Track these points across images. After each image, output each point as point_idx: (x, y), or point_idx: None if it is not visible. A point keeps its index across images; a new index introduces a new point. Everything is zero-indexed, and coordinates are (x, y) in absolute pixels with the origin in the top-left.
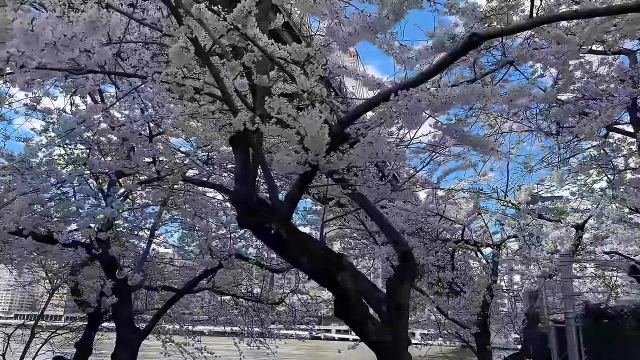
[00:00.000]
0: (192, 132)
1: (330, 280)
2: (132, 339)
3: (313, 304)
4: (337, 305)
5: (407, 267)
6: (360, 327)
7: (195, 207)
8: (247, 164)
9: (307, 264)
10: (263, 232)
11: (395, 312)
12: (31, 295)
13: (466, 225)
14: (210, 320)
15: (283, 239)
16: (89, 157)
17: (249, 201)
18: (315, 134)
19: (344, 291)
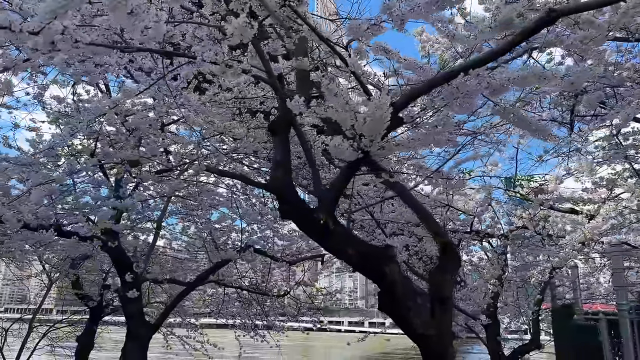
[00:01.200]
0: (211, 121)
1: (378, 272)
2: (142, 334)
3: (317, 296)
4: (382, 298)
5: (449, 258)
6: (405, 320)
7: (210, 199)
8: (287, 152)
9: (354, 255)
10: (306, 222)
11: (439, 305)
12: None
13: (477, 216)
14: (212, 313)
15: (330, 230)
16: (95, 147)
17: (290, 190)
18: (378, 118)
19: (392, 283)
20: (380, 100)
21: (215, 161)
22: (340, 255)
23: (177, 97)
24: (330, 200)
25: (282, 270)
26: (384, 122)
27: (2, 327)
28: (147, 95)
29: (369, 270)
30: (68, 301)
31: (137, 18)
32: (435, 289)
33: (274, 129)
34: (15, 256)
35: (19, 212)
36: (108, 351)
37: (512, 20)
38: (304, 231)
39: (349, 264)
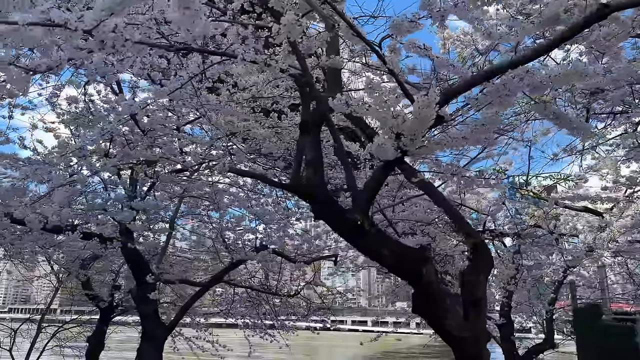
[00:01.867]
0: (229, 121)
1: (414, 274)
2: (158, 334)
3: (327, 295)
4: (417, 299)
5: (481, 258)
6: (440, 321)
7: (227, 198)
8: (319, 151)
9: (389, 256)
10: (340, 222)
11: (472, 307)
12: (25, 289)
13: (491, 215)
14: (221, 313)
15: (365, 231)
16: (109, 148)
17: (323, 190)
18: (424, 116)
19: (428, 285)
20: (429, 98)
21: (236, 161)
22: (374, 256)
23: (199, 97)
24: (364, 201)
25: (292, 270)
26: (429, 120)
27: (11, 327)
28: (163, 96)
29: (405, 271)
30: (73, 301)
31: (198, 15)
32: (468, 290)
33: (305, 127)
34: (25, 257)
35: (40, 214)
36: (116, 351)
37: (559, 15)
38: (337, 231)
39: (382, 265)
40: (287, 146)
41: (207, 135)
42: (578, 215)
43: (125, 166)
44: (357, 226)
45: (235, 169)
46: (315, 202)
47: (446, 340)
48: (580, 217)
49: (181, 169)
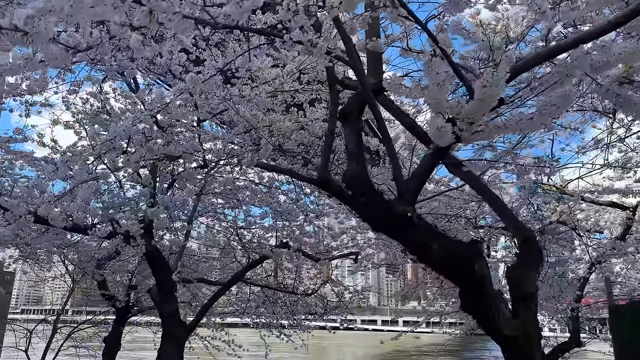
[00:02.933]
0: (254, 115)
1: (466, 269)
2: (178, 334)
3: (345, 294)
4: (466, 296)
5: (530, 252)
6: (491, 320)
7: (249, 195)
8: (360, 140)
9: (438, 250)
10: (384, 215)
11: (522, 304)
12: (37, 290)
13: (515, 211)
14: (236, 312)
15: (413, 223)
16: (128, 146)
17: (366, 182)
18: (488, 97)
19: (481, 282)
20: (498, 74)
21: (261, 155)
22: (422, 251)
23: (228, 88)
24: (412, 192)
25: (308, 269)
26: (493, 100)
27: (27, 328)
28: (198, 84)
29: (455, 267)
30: (88, 302)
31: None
32: (516, 286)
33: (346, 115)
34: (41, 257)
35: (64, 211)
36: (129, 351)
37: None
38: (380, 226)
39: (429, 260)
40: (308, 142)
41: (223, 131)
42: (601, 210)
43: (148, 162)
44: (404, 219)
45: (262, 164)
46: (359, 194)
47: (497, 339)
48: (604, 213)
49: (202, 166)
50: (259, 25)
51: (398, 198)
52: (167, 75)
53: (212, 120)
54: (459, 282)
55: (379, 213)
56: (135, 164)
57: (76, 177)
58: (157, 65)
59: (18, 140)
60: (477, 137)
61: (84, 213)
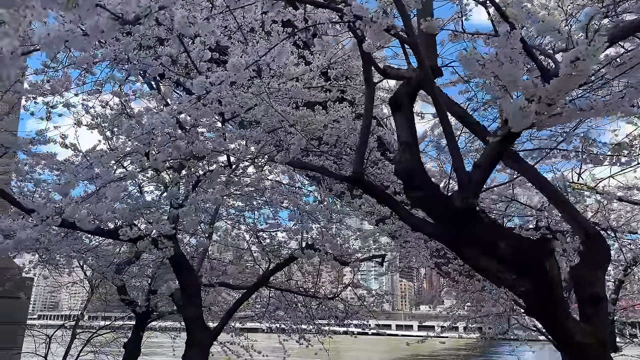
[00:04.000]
0: (284, 110)
1: (535, 269)
2: (203, 339)
3: (368, 297)
4: (535, 299)
5: (597, 251)
6: (561, 325)
7: (277, 195)
8: (414, 130)
9: (504, 248)
10: (443, 210)
11: (590, 307)
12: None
13: (547, 211)
14: (255, 317)
15: (479, 218)
16: (149, 148)
17: (422, 174)
18: (581, 70)
19: (552, 282)
20: (595, 45)
21: (295, 152)
22: (486, 249)
23: (261, 83)
24: (475, 184)
25: (329, 272)
26: (583, 77)
27: (46, 334)
28: (240, 71)
29: (523, 266)
30: (106, 307)
31: None
32: (582, 287)
33: (397, 103)
34: (61, 262)
35: (92, 212)
36: (146, 355)
37: None
38: (438, 222)
39: (495, 259)
40: (343, 136)
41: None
42: (635, 210)
43: (174, 163)
44: (467, 213)
45: (294, 161)
46: (414, 187)
47: (564, 345)
48: (638, 212)
49: (226, 165)
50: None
51: (459, 191)
52: (191, 73)
53: (231, 122)
54: (526, 282)
55: (437, 208)
56: (162, 163)
57: (103, 177)
58: (180, 64)
59: (40, 142)
60: (555, 121)
61: (113, 214)
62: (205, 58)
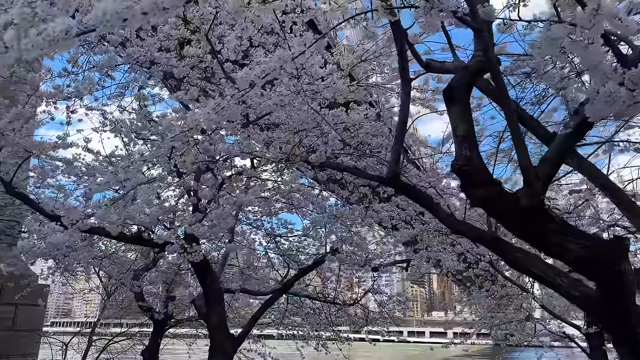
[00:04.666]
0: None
1: (609, 273)
2: (226, 347)
3: (389, 303)
4: (602, 304)
5: None
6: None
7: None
8: (471, 122)
9: (576, 249)
10: (509, 209)
11: None
12: (67, 303)
13: (577, 214)
14: (273, 323)
15: (545, 217)
16: (172, 153)
17: (483, 170)
18: None
19: (625, 286)
20: None
21: (328, 153)
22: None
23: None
24: (544, 180)
25: (347, 278)
26: None
27: (62, 341)
28: (287, 62)
29: (597, 269)
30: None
31: None
32: None
33: (451, 94)
34: (79, 269)
35: (121, 215)
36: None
37: None
38: (502, 221)
39: (565, 261)
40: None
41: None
42: None
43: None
44: (535, 212)
45: (329, 162)
46: (475, 185)
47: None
48: None
49: (252, 167)
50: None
51: (525, 187)
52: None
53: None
54: (597, 286)
55: (501, 207)
56: (190, 165)
57: (132, 180)
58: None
59: (62, 147)
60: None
61: (146, 216)
62: (239, 50)
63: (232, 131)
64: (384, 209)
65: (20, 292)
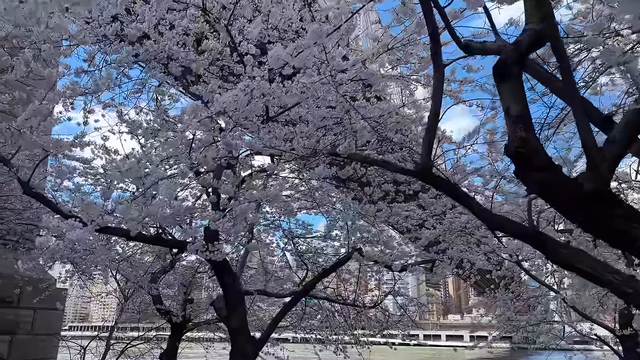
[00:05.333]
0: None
1: None
2: (248, 350)
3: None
4: None
5: None
6: None
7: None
8: (525, 101)
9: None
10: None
11: None
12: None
13: None
14: (290, 327)
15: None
16: (191, 147)
17: (541, 152)
18: None
19: None
20: None
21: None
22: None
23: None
24: (610, 162)
25: (367, 280)
26: None
27: (81, 345)
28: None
29: None
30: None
31: None
32: None
33: (503, 71)
34: (94, 273)
35: (142, 212)
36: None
37: None
38: (561, 208)
39: (632, 250)
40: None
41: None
42: None
43: (224, 161)
44: (600, 198)
45: (357, 155)
46: (533, 168)
47: None
48: None
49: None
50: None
51: (589, 171)
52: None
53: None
54: None
55: (561, 192)
56: (212, 160)
57: (152, 176)
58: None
59: (80, 146)
60: None
61: (170, 211)
62: (260, 41)
63: (252, 128)
64: (403, 209)
65: (39, 296)
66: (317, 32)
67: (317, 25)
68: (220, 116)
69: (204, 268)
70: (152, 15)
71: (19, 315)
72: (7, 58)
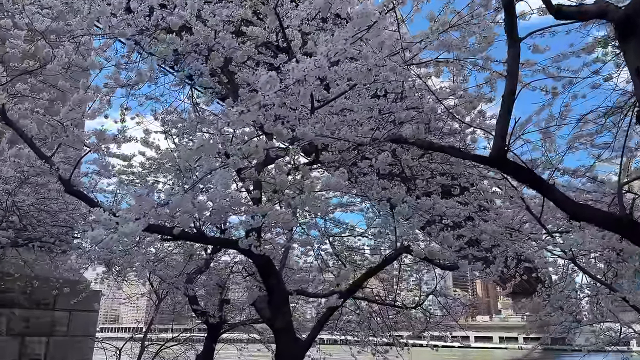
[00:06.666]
0: None
1: None
2: (294, 352)
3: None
4: None
5: None
6: None
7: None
8: None
9: None
10: None
11: None
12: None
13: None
14: (327, 327)
15: None
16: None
17: None
18: None
19: None
20: None
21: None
22: None
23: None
24: None
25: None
26: None
27: (116, 346)
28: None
29: None
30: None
31: None
32: None
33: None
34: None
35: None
36: None
37: None
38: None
39: None
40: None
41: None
42: None
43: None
44: None
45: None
46: None
47: None
48: None
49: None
50: None
51: None
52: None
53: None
54: None
55: None
56: (263, 150)
57: (204, 166)
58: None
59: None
60: None
61: (227, 201)
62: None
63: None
64: (443, 206)
65: (75, 298)
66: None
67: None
68: (259, 110)
69: (237, 268)
70: (193, 2)
71: (55, 317)
72: (49, 50)
